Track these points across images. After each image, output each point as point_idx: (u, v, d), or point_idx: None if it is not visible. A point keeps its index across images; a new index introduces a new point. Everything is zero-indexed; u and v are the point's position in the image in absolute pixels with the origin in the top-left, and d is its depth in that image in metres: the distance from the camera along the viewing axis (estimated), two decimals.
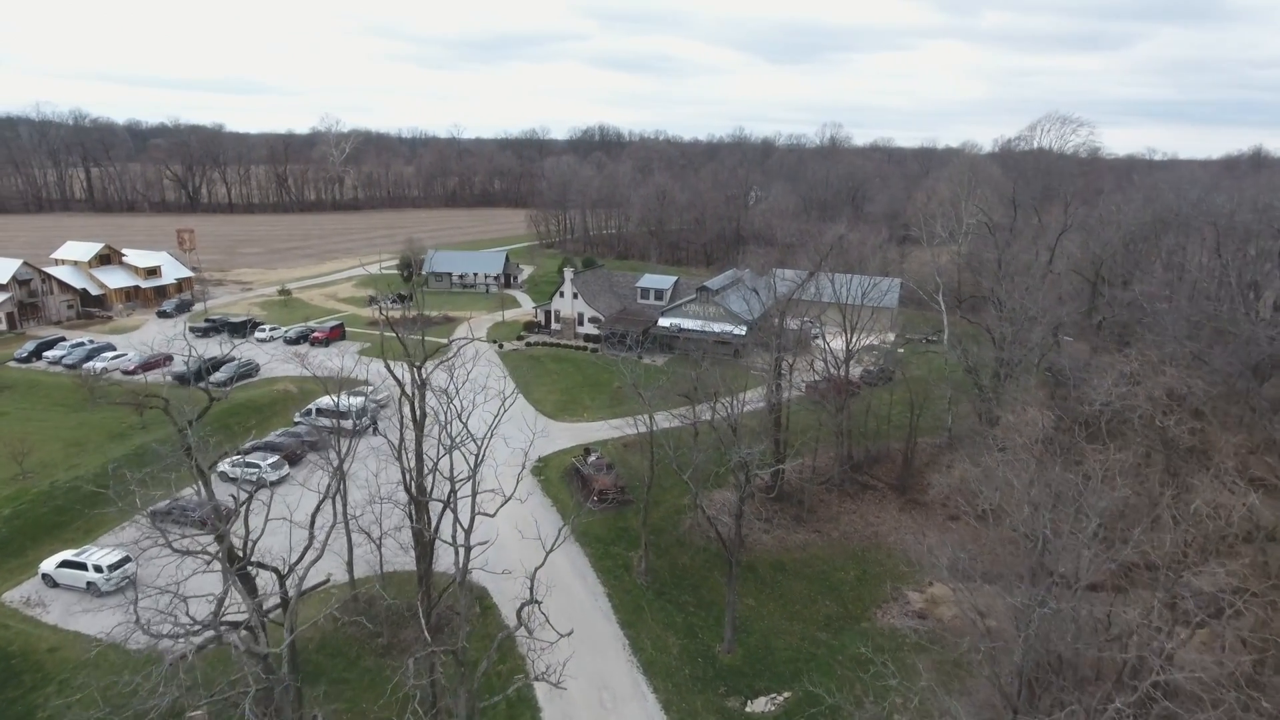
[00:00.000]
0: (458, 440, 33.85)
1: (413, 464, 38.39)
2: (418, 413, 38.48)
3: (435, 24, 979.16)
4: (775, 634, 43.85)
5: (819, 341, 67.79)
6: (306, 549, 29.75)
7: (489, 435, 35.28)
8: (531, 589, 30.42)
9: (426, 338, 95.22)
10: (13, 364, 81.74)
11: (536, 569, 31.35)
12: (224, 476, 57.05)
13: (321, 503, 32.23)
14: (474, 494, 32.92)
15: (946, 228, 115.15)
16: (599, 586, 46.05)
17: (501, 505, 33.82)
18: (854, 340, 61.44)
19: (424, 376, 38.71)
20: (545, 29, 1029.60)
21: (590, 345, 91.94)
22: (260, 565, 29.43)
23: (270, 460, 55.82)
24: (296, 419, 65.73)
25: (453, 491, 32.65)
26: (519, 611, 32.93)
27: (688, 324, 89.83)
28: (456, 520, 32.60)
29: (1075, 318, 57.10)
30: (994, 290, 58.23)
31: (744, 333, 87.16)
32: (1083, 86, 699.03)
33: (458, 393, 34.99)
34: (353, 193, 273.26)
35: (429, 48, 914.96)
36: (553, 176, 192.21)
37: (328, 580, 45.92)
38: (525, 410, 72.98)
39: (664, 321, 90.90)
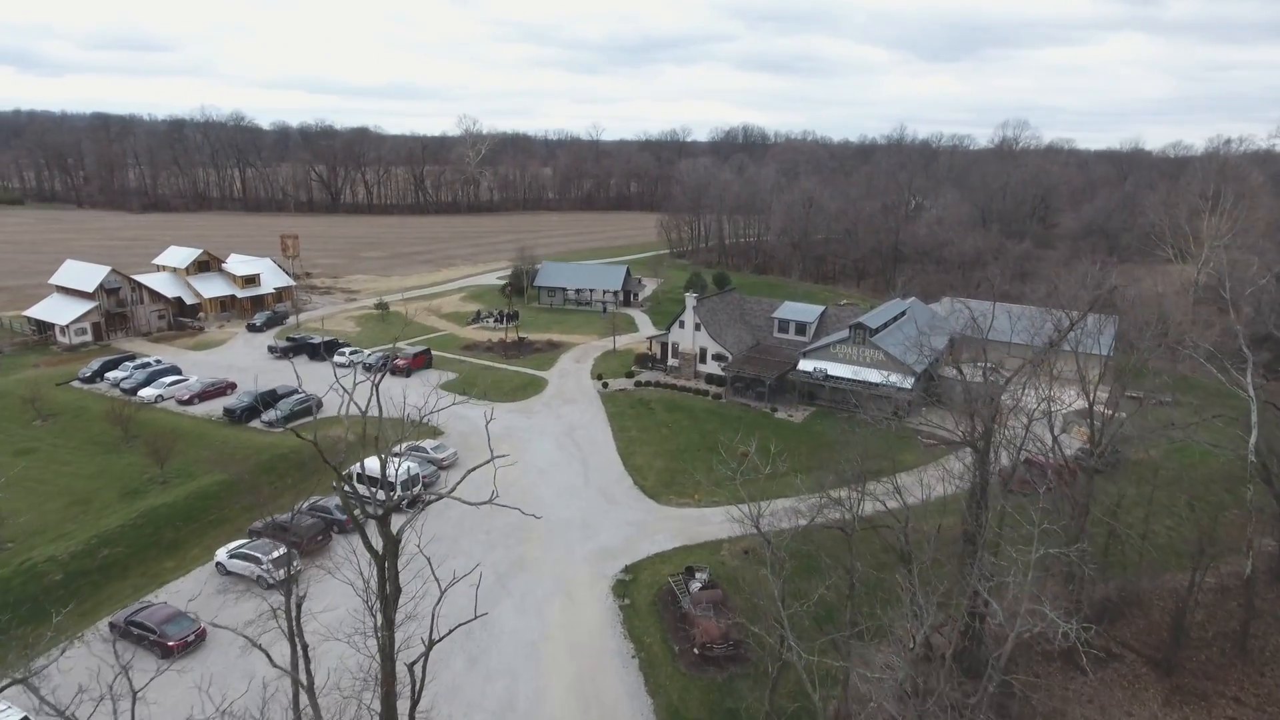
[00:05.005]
0: None
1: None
2: (388, 587, 23.36)
3: (587, 29, 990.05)
4: None
5: (1013, 400, 47.71)
6: None
7: None
8: None
9: (521, 369, 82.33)
10: (76, 384, 74.37)
11: None
12: (221, 569, 44.64)
13: None
14: None
15: (1178, 248, 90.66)
16: None
17: None
18: (1095, 406, 41.06)
19: (397, 533, 23.67)
20: (692, 31, 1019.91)
21: (713, 389, 74.89)
22: None
23: (274, 555, 42.12)
24: (335, 485, 52.53)
25: None
26: None
27: (836, 369, 70.99)
28: None
29: None
30: None
31: (910, 386, 67.41)
32: None
33: None
34: (488, 195, 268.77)
35: (580, 52, 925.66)
36: (687, 179, 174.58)
37: None
38: (621, 483, 57.21)
39: (805, 364, 72.48)
